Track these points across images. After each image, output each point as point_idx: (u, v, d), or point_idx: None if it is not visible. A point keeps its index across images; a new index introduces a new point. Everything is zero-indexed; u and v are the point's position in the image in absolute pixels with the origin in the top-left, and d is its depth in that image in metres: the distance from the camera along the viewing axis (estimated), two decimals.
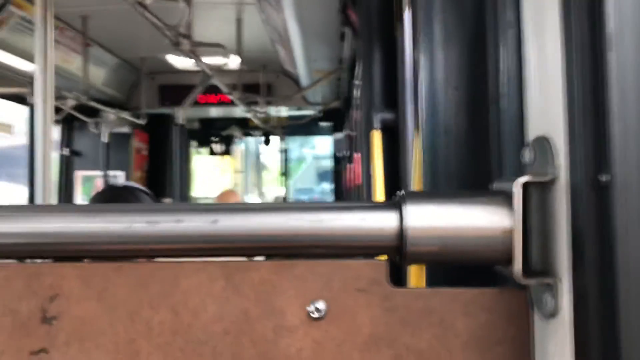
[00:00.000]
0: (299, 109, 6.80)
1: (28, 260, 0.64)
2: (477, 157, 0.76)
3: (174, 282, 0.62)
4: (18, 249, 0.62)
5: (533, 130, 0.61)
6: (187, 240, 0.60)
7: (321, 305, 0.61)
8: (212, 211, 0.61)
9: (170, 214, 0.60)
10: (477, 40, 0.79)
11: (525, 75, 0.64)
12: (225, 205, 0.62)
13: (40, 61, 2.16)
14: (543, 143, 0.58)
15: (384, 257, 0.64)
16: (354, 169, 4.14)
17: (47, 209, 0.63)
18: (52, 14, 2.18)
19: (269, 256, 0.63)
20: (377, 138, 1.75)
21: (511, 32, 0.69)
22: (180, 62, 5.40)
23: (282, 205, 0.62)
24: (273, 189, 9.18)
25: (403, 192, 0.61)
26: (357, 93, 3.32)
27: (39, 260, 0.63)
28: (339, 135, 6.14)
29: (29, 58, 3.84)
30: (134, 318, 0.61)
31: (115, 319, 0.61)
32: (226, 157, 8.48)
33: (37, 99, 2.17)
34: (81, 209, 0.62)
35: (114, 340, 0.61)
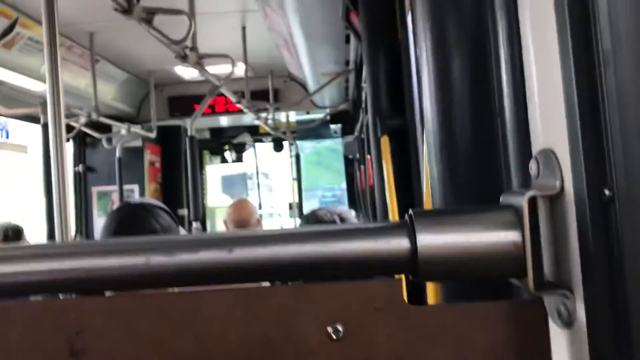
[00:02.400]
0: (308, 113, 6.81)
1: (53, 296, 0.66)
2: (484, 169, 0.77)
3: (195, 311, 0.63)
4: (42, 286, 0.63)
5: (538, 143, 0.62)
6: (204, 270, 0.62)
7: (340, 326, 0.62)
8: (228, 241, 0.62)
9: (186, 246, 0.62)
10: (479, 52, 0.80)
11: (527, 86, 0.64)
12: (240, 234, 0.63)
13: (50, 80, 2.19)
14: (548, 156, 0.59)
15: (400, 276, 0.65)
16: (367, 171, 4.14)
17: (68, 248, 0.64)
18: (58, 33, 2.21)
19: (285, 282, 0.64)
20: (386, 144, 1.76)
21: (512, 44, 0.70)
22: (188, 73, 5.43)
23: (295, 232, 0.63)
24: (286, 195, 9.18)
25: (412, 211, 0.62)
26: (365, 95, 3.32)
27: (62, 296, 0.65)
28: (349, 138, 6.15)
29: (40, 78, 3.89)
30: (158, 348, 0.63)
31: (140, 350, 0.63)
32: (238, 164, 8.52)
33: (50, 117, 2.20)
34: (101, 245, 0.64)
35: None
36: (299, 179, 7.76)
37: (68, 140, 5.24)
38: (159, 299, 0.63)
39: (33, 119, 4.78)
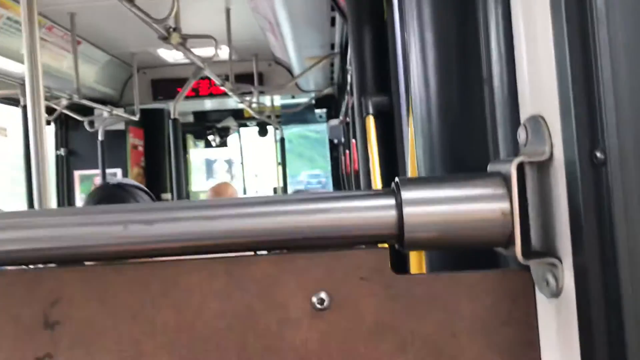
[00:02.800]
0: (293, 97, 6.78)
1: (27, 266, 0.64)
2: (471, 139, 0.76)
3: (175, 280, 0.61)
4: (16, 255, 0.61)
5: (527, 110, 0.61)
6: (184, 238, 0.60)
7: (324, 296, 0.61)
8: (209, 207, 0.60)
9: (166, 212, 0.60)
10: (467, 21, 0.79)
11: (517, 54, 0.63)
12: (221, 201, 0.61)
13: (29, 61, 2.15)
14: (537, 122, 0.57)
15: (385, 245, 0.64)
16: (352, 155, 4.14)
17: (41, 214, 0.62)
18: (37, 13, 2.16)
19: (268, 250, 0.63)
20: (371, 123, 1.75)
21: (501, 10, 0.68)
22: (171, 55, 5.37)
23: (277, 199, 0.62)
24: (270, 179, 9.16)
25: (398, 179, 0.61)
26: (350, 78, 3.30)
27: (38, 266, 0.63)
28: (334, 121, 6.13)
29: (19, 59, 3.82)
30: (136, 318, 0.61)
31: (118, 320, 0.61)
32: (223, 149, 8.47)
33: (29, 100, 2.15)
34: (75, 212, 0.62)
35: (118, 341, 0.61)
36: (283, 164, 7.73)
37: (49, 123, 5.18)
38: (137, 268, 0.62)
39: (13, 101, 4.71)
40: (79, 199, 5.90)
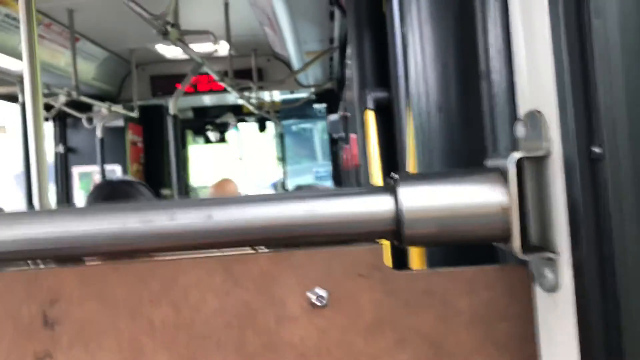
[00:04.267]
0: (292, 92, 6.77)
1: (26, 266, 0.64)
2: (469, 134, 0.76)
3: (173, 278, 0.61)
4: (15, 254, 0.61)
5: (524, 104, 0.61)
6: (182, 237, 0.60)
7: (322, 293, 0.61)
8: (206, 206, 0.60)
9: (163, 211, 0.60)
10: (464, 15, 0.78)
11: (514, 49, 0.63)
12: (218, 200, 0.61)
13: (27, 57, 2.14)
14: (535, 117, 0.57)
15: (383, 242, 0.64)
16: (351, 150, 4.13)
17: (41, 214, 0.62)
18: (35, 9, 2.15)
19: (266, 247, 0.63)
20: (371, 118, 1.74)
21: (498, 5, 0.68)
22: (170, 51, 5.35)
23: (276, 196, 0.62)
24: (271, 174, 9.16)
25: (396, 175, 0.61)
26: (349, 73, 3.30)
27: (39, 264, 0.63)
28: (334, 116, 6.12)
29: (18, 56, 3.81)
30: (135, 317, 0.61)
31: (116, 318, 0.61)
32: (222, 144, 8.47)
33: (27, 96, 2.15)
34: (73, 212, 0.62)
35: (117, 340, 0.61)
36: (283, 159, 7.73)
37: (47, 119, 5.17)
38: (135, 266, 0.62)
39: (12, 98, 4.70)
40: (78, 196, 5.90)
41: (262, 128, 8.03)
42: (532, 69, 0.59)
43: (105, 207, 0.62)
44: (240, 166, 9.37)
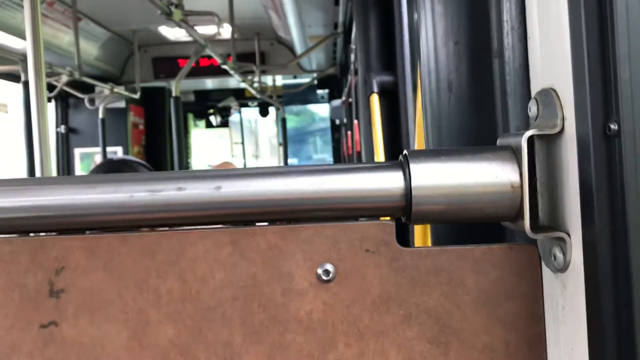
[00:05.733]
0: (295, 77, 6.74)
1: (32, 234, 0.63)
2: (481, 113, 0.75)
3: (180, 250, 0.61)
4: (21, 222, 0.61)
5: (538, 82, 0.60)
6: (190, 208, 0.59)
7: (329, 267, 0.61)
8: (215, 177, 0.60)
9: (171, 182, 0.60)
10: None
11: (529, 26, 0.62)
12: (228, 171, 0.60)
13: (30, 36, 2.13)
14: (549, 95, 0.57)
15: (388, 218, 0.63)
16: (354, 137, 4.12)
17: (48, 182, 0.62)
18: None
19: (274, 221, 0.62)
20: (375, 102, 1.73)
21: None
22: (173, 33, 5.33)
23: (285, 169, 0.61)
24: (271, 159, 9.16)
25: (407, 151, 0.60)
26: (354, 57, 3.28)
27: (42, 234, 0.63)
28: (336, 102, 6.10)
29: (20, 35, 3.78)
30: (141, 287, 0.61)
31: (123, 289, 0.61)
32: (224, 129, 8.45)
33: (31, 75, 2.14)
34: (82, 180, 0.61)
35: (123, 310, 0.61)
36: (285, 144, 7.72)
37: (50, 100, 5.15)
38: (142, 237, 0.61)
39: (14, 77, 4.68)
40: None
41: (264, 113, 8.01)
42: (547, 47, 0.58)
43: (113, 176, 0.61)
44: (241, 150, 9.37)
